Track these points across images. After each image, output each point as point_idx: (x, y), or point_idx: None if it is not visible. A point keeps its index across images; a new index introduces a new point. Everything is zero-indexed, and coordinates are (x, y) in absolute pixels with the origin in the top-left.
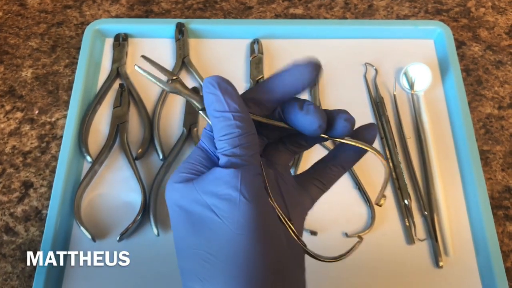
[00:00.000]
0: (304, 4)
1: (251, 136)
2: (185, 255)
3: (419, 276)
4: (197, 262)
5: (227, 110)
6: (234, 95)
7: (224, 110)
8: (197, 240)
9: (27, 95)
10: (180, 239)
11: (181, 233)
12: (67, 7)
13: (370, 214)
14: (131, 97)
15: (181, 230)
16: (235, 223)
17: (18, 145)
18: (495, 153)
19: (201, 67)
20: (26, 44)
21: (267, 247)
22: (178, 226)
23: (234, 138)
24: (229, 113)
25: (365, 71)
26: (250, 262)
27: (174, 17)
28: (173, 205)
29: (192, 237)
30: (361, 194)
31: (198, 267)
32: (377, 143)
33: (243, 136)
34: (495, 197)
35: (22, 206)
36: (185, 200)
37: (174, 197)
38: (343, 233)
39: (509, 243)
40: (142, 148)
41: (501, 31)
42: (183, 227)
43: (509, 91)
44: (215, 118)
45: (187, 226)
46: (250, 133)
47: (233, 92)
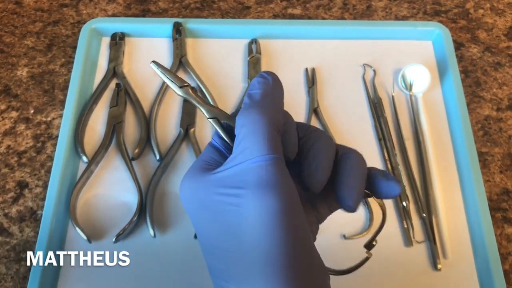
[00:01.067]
0: (302, 5)
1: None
2: (213, 253)
3: (417, 278)
4: (228, 261)
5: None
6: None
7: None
8: (223, 236)
9: (23, 94)
10: (204, 236)
11: (204, 230)
12: (64, 6)
13: (369, 216)
14: (127, 96)
15: (203, 226)
16: (261, 214)
17: (13, 145)
18: (493, 155)
19: (199, 67)
20: (21, 43)
21: (299, 241)
22: (200, 223)
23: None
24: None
25: (363, 72)
26: (282, 257)
27: (171, 16)
28: (192, 200)
29: (215, 232)
30: None
31: (230, 267)
32: (375, 144)
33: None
34: (494, 199)
35: (17, 207)
36: (205, 192)
37: (190, 191)
38: (341, 235)
39: (507, 245)
40: (139, 149)
41: (499, 32)
42: (205, 223)
43: (507, 92)
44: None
45: (210, 221)
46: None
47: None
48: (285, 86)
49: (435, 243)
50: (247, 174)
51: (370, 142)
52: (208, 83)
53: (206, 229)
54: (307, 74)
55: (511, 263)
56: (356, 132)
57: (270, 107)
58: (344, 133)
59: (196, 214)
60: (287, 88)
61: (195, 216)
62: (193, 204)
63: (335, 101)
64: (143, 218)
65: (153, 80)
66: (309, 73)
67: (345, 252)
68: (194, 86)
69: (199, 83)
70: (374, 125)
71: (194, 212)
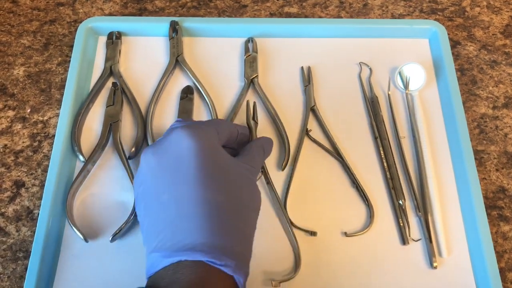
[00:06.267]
0: (299, 3)
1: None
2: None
3: (413, 276)
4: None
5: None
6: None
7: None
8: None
9: (19, 93)
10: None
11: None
12: (60, 5)
13: (369, 213)
14: (124, 96)
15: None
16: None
17: (10, 144)
18: (489, 153)
19: (195, 65)
20: (18, 42)
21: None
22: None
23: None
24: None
25: (359, 70)
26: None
27: (168, 15)
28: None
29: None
30: (359, 192)
31: (161, 217)
32: (371, 142)
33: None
34: (489, 197)
35: (14, 206)
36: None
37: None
38: (342, 233)
39: (503, 243)
40: (135, 148)
41: (496, 30)
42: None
43: (503, 91)
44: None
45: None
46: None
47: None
48: (282, 84)
49: (431, 241)
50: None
51: (366, 140)
52: (204, 81)
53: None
54: (303, 73)
55: (506, 261)
56: (352, 130)
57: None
58: (339, 132)
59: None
60: (284, 86)
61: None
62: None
63: (331, 100)
64: None
65: (149, 79)
66: (305, 71)
67: (346, 249)
68: (191, 84)
69: (195, 82)
70: (370, 123)
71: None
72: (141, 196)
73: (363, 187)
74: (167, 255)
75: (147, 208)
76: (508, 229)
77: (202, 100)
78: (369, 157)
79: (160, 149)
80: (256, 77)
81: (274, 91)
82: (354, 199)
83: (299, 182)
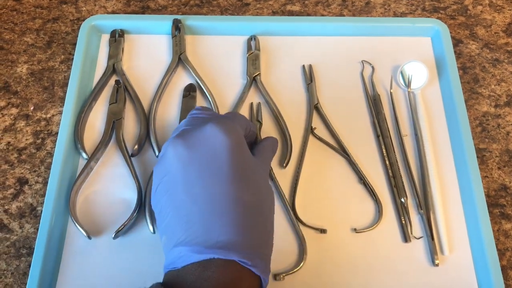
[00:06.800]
0: (301, 1)
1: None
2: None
3: (415, 274)
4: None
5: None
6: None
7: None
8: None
9: (22, 91)
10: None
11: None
12: (63, 3)
13: (377, 209)
14: (127, 93)
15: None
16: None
17: (13, 142)
18: (491, 151)
19: (198, 63)
20: (21, 40)
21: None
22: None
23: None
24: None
25: (362, 69)
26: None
27: (170, 13)
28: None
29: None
30: (366, 188)
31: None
32: (373, 140)
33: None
34: (491, 195)
35: (17, 203)
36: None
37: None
38: (352, 229)
39: (505, 241)
40: (138, 145)
41: (498, 29)
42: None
43: (505, 89)
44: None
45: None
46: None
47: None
48: (284, 82)
49: (433, 239)
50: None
51: (368, 139)
52: (207, 79)
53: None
54: (305, 71)
55: (508, 259)
56: (354, 128)
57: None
58: (341, 130)
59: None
60: (286, 84)
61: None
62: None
63: (334, 98)
64: (142, 214)
65: (152, 77)
66: (307, 69)
67: (350, 245)
68: (193, 82)
69: (198, 80)
70: (372, 121)
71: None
72: (164, 186)
73: (370, 183)
74: (198, 250)
75: (173, 199)
76: (510, 227)
77: (204, 98)
78: (371, 155)
79: (193, 141)
80: (259, 75)
81: (276, 89)
82: (361, 195)
83: (306, 180)
